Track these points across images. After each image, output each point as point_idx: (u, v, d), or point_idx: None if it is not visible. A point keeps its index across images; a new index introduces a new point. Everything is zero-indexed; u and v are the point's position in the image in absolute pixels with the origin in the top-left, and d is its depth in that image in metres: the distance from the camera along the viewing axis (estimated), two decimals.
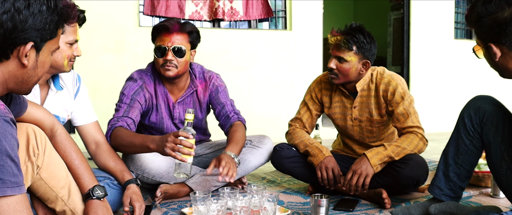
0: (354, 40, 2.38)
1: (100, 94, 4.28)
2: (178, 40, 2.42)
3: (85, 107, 2.19)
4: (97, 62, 4.32)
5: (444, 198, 2.11)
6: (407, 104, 2.45)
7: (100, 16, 4.29)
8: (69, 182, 1.67)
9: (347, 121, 2.60)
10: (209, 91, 2.63)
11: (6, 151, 1.10)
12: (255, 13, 4.84)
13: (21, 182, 1.15)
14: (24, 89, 1.32)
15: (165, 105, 2.56)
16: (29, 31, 1.20)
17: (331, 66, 2.43)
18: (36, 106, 1.70)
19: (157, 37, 2.46)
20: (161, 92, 2.55)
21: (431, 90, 5.64)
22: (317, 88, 2.67)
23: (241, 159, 2.56)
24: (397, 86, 2.46)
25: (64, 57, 1.93)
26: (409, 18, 5.60)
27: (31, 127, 1.56)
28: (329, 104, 2.64)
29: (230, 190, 2.12)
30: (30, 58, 1.25)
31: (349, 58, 2.39)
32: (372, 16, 8.82)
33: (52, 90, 2.05)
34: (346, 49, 2.38)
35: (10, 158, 1.11)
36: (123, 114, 2.40)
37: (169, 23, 2.42)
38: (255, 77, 4.87)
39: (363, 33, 2.40)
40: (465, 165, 2.08)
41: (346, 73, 2.43)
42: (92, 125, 2.20)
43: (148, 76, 2.53)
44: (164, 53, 2.41)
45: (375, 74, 2.52)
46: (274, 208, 2.03)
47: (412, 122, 2.43)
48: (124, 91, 2.48)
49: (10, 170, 1.11)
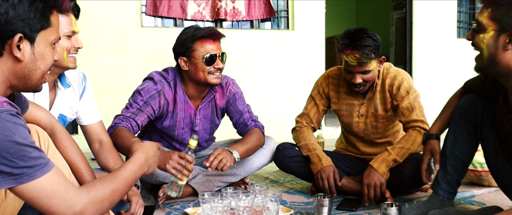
0: (370, 49, 2.32)
1: (102, 94, 4.28)
2: (220, 46, 2.46)
3: (90, 107, 2.19)
4: (100, 62, 4.33)
5: (441, 192, 2.12)
6: (412, 98, 2.45)
7: (102, 17, 4.30)
8: (71, 182, 1.67)
9: (353, 117, 2.59)
10: (226, 99, 2.62)
11: (22, 142, 1.12)
12: (257, 13, 4.84)
13: (46, 159, 1.18)
14: (29, 85, 1.31)
15: (184, 113, 2.52)
16: (13, 22, 1.19)
17: (358, 82, 2.40)
18: (36, 106, 1.70)
19: (197, 43, 2.40)
20: (181, 100, 2.50)
21: (433, 89, 5.63)
22: (325, 83, 2.66)
23: (245, 159, 2.56)
24: (402, 80, 2.46)
25: (62, 49, 1.89)
26: (411, 18, 5.59)
27: (35, 128, 1.56)
28: (337, 100, 2.63)
29: (233, 190, 2.12)
30: (25, 51, 1.24)
31: (372, 67, 2.38)
32: (374, 16, 8.81)
33: (59, 88, 2.04)
34: (368, 61, 2.34)
35: (27, 146, 1.14)
36: (131, 115, 2.37)
37: (215, 30, 2.43)
38: (258, 77, 4.87)
39: (369, 36, 2.34)
40: (462, 156, 2.09)
41: (372, 80, 2.44)
42: (96, 125, 2.20)
43: (169, 83, 2.48)
44: (214, 60, 2.40)
45: (382, 70, 2.52)
46: (277, 208, 2.03)
47: (416, 116, 2.43)
48: (141, 91, 2.42)
49: (32, 155, 1.14)
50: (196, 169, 2.57)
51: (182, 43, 2.42)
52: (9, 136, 1.11)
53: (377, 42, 2.36)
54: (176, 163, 2.01)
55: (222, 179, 2.54)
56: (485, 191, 2.62)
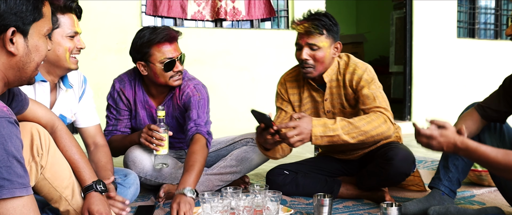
0: (322, 24, 2.27)
1: (102, 94, 4.24)
2: (178, 47, 2.42)
3: (89, 109, 2.18)
4: (100, 62, 4.32)
5: (442, 187, 2.14)
6: (374, 88, 2.28)
7: (103, 17, 4.30)
8: (72, 181, 1.67)
9: (320, 115, 2.46)
10: (182, 102, 2.51)
11: (12, 153, 1.10)
12: (258, 13, 4.84)
13: (28, 183, 1.15)
14: (24, 78, 1.30)
15: (146, 113, 2.54)
16: (5, 17, 1.18)
17: (304, 57, 2.29)
18: (37, 104, 1.70)
19: (153, 48, 2.33)
20: (141, 100, 2.52)
21: (433, 89, 5.64)
22: (283, 90, 2.53)
23: (244, 157, 2.56)
24: (362, 73, 2.31)
25: (65, 51, 1.89)
26: (411, 17, 5.59)
27: (36, 127, 1.56)
28: (299, 103, 2.50)
29: (233, 189, 2.12)
30: (19, 45, 1.23)
31: (322, 44, 2.27)
32: (374, 16, 8.81)
33: (61, 89, 2.04)
34: (317, 34, 2.26)
35: (16, 159, 1.11)
36: (113, 128, 2.55)
37: (171, 31, 2.36)
38: (258, 77, 4.87)
39: (327, 16, 2.31)
40: None
41: (321, 61, 2.30)
42: (93, 128, 2.19)
43: (129, 82, 2.52)
44: (173, 65, 2.36)
45: (342, 64, 2.39)
46: (277, 207, 2.03)
47: (379, 103, 2.23)
48: (109, 101, 2.55)
49: (17, 171, 1.11)
50: None
51: (138, 48, 2.37)
52: (2, 143, 1.09)
53: (332, 23, 2.30)
54: (146, 134, 2.28)
55: (222, 178, 2.55)
56: (485, 191, 2.63)
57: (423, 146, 1.79)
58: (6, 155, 1.09)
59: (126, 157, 2.46)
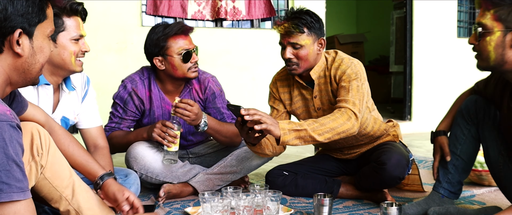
0: (303, 22, 2.28)
1: (103, 94, 4.26)
2: (192, 40, 2.47)
3: (91, 111, 2.18)
4: (100, 62, 4.32)
5: (441, 190, 2.13)
6: (355, 83, 2.26)
7: (103, 16, 4.30)
8: (73, 181, 1.67)
9: (311, 113, 2.47)
10: (205, 96, 2.59)
11: (12, 157, 1.10)
12: (258, 13, 4.84)
13: (26, 187, 1.15)
14: (29, 79, 1.31)
15: (162, 110, 2.54)
16: (12, 19, 1.20)
17: (287, 56, 2.31)
18: (32, 105, 1.70)
19: (170, 41, 2.39)
20: (157, 98, 2.53)
21: (434, 89, 5.63)
22: (274, 89, 2.58)
23: (245, 157, 2.57)
24: (346, 68, 2.30)
25: (70, 54, 1.90)
26: (411, 17, 5.59)
27: (36, 127, 1.56)
28: (290, 101, 2.52)
29: (233, 189, 2.12)
30: (24, 46, 1.24)
31: (304, 42, 2.29)
32: (374, 15, 8.81)
33: (64, 91, 2.04)
34: (298, 33, 2.28)
35: (15, 163, 1.11)
36: (115, 125, 2.55)
37: (185, 25, 2.43)
38: (258, 77, 4.87)
39: (308, 14, 2.32)
40: (464, 155, 2.09)
41: (305, 58, 2.31)
42: (95, 129, 2.19)
43: (143, 81, 2.52)
44: (191, 56, 2.41)
45: (329, 60, 2.40)
46: (277, 207, 2.04)
47: (350, 97, 2.23)
48: (116, 99, 2.54)
49: (16, 175, 1.12)
50: (196, 168, 2.57)
51: (155, 42, 2.40)
52: (2, 147, 1.09)
53: (313, 20, 2.31)
54: (160, 130, 2.27)
55: (222, 178, 2.55)
56: (485, 190, 2.63)
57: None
58: (6, 159, 1.09)
59: (128, 153, 2.46)
